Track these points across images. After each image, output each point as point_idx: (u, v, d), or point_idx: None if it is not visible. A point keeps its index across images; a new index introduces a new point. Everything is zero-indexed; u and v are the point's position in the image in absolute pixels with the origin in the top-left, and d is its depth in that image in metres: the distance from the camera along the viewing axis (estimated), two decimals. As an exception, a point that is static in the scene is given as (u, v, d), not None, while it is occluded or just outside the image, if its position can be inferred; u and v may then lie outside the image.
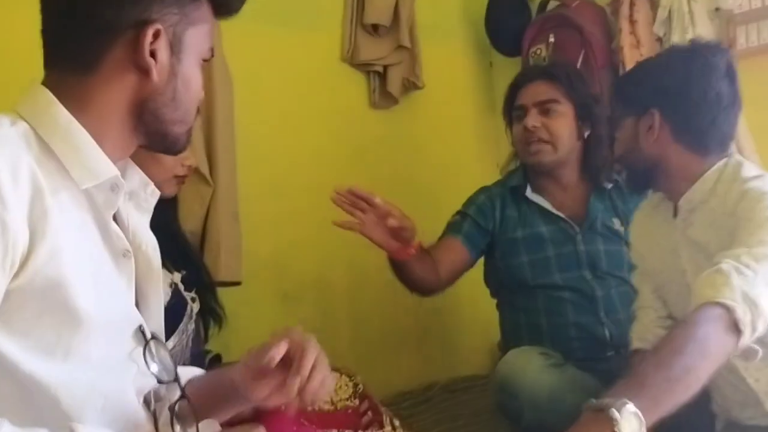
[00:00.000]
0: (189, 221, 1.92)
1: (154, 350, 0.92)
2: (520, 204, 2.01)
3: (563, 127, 1.94)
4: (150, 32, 0.86)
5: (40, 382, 0.78)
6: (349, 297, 2.50)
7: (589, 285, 1.90)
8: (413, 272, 1.87)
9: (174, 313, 1.35)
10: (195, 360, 1.44)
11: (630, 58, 2.32)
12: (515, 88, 2.02)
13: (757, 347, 1.19)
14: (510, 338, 2.04)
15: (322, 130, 2.46)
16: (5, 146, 0.78)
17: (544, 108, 1.94)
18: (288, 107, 2.38)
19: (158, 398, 0.94)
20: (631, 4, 2.33)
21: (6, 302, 0.76)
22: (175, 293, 1.38)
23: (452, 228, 2.04)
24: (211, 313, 1.52)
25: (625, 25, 2.34)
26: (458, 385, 2.47)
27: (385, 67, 2.59)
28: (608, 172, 1.98)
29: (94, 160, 0.86)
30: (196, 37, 0.92)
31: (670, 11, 2.24)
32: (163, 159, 1.39)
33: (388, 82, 2.59)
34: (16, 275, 0.76)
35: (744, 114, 1.99)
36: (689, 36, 2.16)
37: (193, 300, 1.44)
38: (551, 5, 2.62)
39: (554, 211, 1.97)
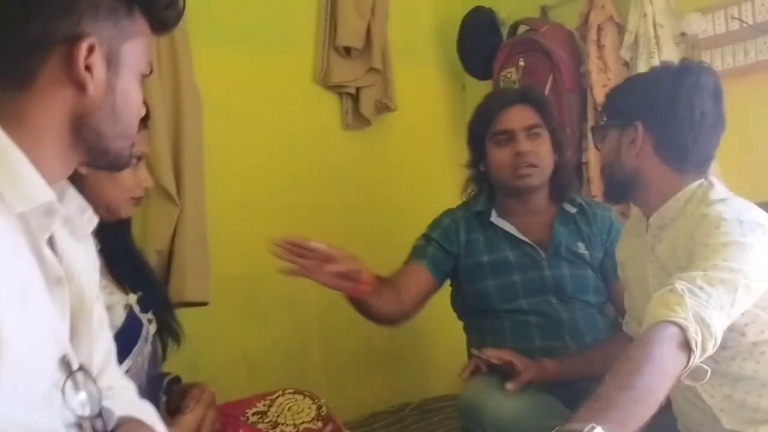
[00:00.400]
0: (156, 241, 1.92)
1: (81, 382, 0.89)
2: (485, 228, 2.00)
3: (547, 152, 1.96)
4: (84, 46, 0.85)
5: None
6: (321, 317, 2.50)
7: (554, 309, 1.90)
8: (373, 307, 1.83)
9: (128, 336, 1.33)
10: (152, 382, 1.43)
11: (597, 82, 2.35)
12: (493, 112, 1.98)
13: (706, 368, 1.20)
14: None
15: (295, 151, 2.47)
16: None
17: (532, 132, 1.94)
18: (260, 128, 2.39)
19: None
20: (599, 29, 2.36)
21: None
22: (130, 315, 1.36)
23: (417, 252, 2.02)
24: (168, 332, 1.50)
25: (592, 50, 2.37)
26: (430, 405, 2.47)
27: (358, 89, 2.61)
28: (571, 197, 1.99)
29: (29, 183, 0.84)
30: (133, 52, 0.91)
31: (636, 36, 2.27)
32: (122, 180, 1.38)
33: (360, 103, 2.61)
34: None
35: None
36: (655, 61, 2.20)
37: (150, 321, 1.42)
38: (521, 29, 2.65)
39: (520, 236, 1.96)
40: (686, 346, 1.17)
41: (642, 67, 2.22)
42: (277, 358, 2.39)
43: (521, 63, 2.54)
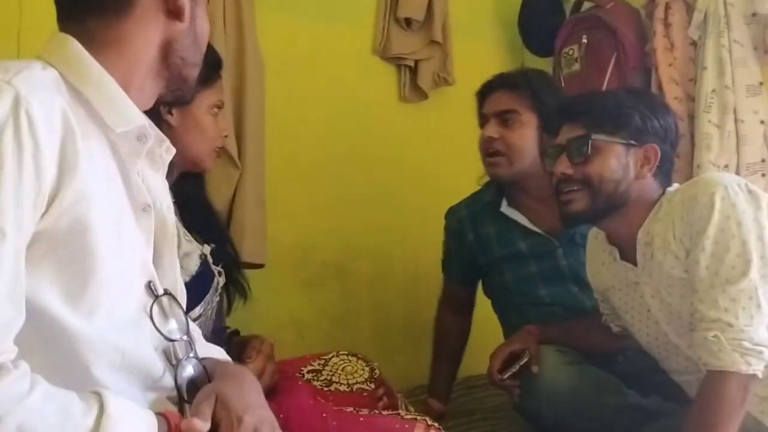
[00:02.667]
0: (216, 202, 1.93)
1: (167, 307, 0.93)
2: (496, 220, 1.96)
3: (522, 139, 1.87)
4: None
5: (63, 331, 0.79)
6: (372, 287, 2.51)
7: (577, 299, 1.86)
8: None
9: (202, 283, 1.37)
10: (216, 333, 1.46)
11: (663, 61, 2.30)
12: (479, 98, 1.97)
13: None
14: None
15: (351, 122, 2.48)
16: (40, 88, 0.80)
17: (503, 118, 1.88)
18: (319, 97, 2.40)
19: (178, 356, 0.94)
20: (666, 7, 2.31)
21: (34, 246, 0.77)
22: (204, 264, 1.39)
23: (445, 270, 2.11)
24: (236, 287, 1.54)
25: (659, 28, 2.32)
26: (476, 381, 2.45)
27: (416, 62, 2.60)
28: None
29: (125, 107, 0.88)
30: None
31: (705, 15, 2.22)
32: (206, 130, 1.44)
33: (418, 76, 2.61)
34: (42, 216, 0.77)
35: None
36: (724, 40, 2.15)
37: (219, 274, 1.46)
38: (585, 6, 2.61)
39: (531, 227, 1.92)
40: (748, 380, 1.27)
41: (710, 47, 2.18)
42: (326, 324, 2.42)
43: (584, 40, 2.51)
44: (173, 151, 0.99)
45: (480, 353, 2.61)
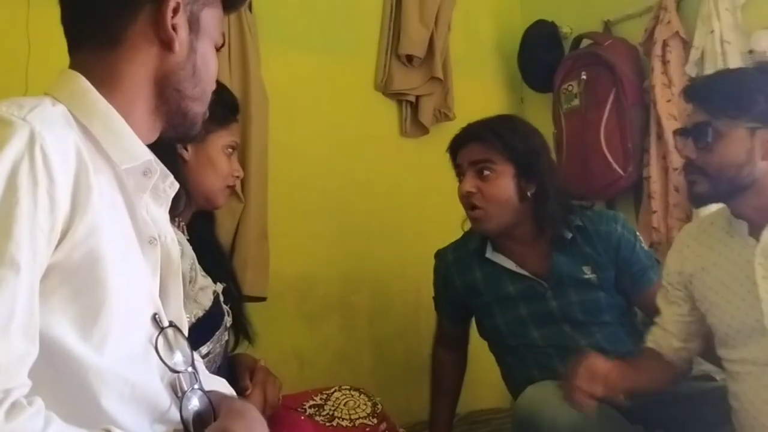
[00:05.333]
0: (219, 235, 1.96)
1: (172, 338, 0.93)
2: (483, 265, 1.94)
3: (498, 190, 1.82)
4: (171, 5, 0.91)
5: (74, 362, 0.79)
6: (372, 321, 2.51)
7: (571, 338, 1.84)
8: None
9: (212, 321, 1.38)
10: (222, 372, 1.46)
11: (662, 97, 2.33)
12: (453, 148, 1.92)
13: None
14: (511, 387, 2.02)
15: (353, 155, 2.51)
16: (54, 124, 0.81)
17: (478, 169, 1.83)
18: (321, 130, 2.43)
19: (183, 388, 0.94)
20: (664, 44, 2.35)
21: (47, 279, 0.78)
22: (215, 302, 1.41)
23: (437, 309, 2.12)
24: (242, 329, 1.55)
25: (657, 65, 2.36)
26: (478, 417, 2.45)
27: (418, 97, 2.63)
28: (567, 221, 1.86)
29: (131, 143, 0.89)
30: (211, 19, 0.97)
31: (703, 52, 2.26)
32: (219, 167, 1.47)
33: (419, 111, 2.64)
34: (55, 249, 0.78)
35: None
36: (721, 77, 2.18)
37: (228, 313, 1.47)
38: (584, 43, 2.65)
39: (518, 270, 1.89)
40: None
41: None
42: (328, 357, 2.41)
43: (583, 76, 2.54)
44: (176, 186, 0.99)
45: (478, 388, 2.62)
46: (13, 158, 0.75)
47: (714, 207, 1.65)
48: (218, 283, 1.45)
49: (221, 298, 1.44)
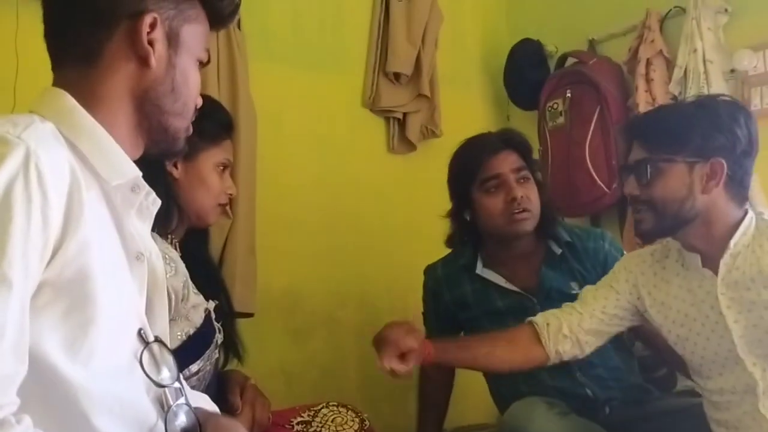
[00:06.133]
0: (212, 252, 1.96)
1: (158, 354, 0.93)
2: (473, 280, 1.96)
3: (536, 196, 1.90)
4: (147, 21, 0.91)
5: (63, 380, 0.79)
6: (359, 336, 2.51)
7: None
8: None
9: (203, 339, 1.38)
10: (209, 389, 1.46)
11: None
12: (479, 158, 1.91)
13: None
14: (498, 402, 2.03)
15: (340, 171, 2.52)
16: (47, 141, 0.81)
17: (521, 176, 1.89)
18: (309, 147, 2.44)
19: (168, 402, 0.94)
20: (648, 63, 2.39)
21: (38, 296, 0.78)
22: (207, 320, 1.41)
23: (426, 325, 2.11)
24: (232, 347, 1.55)
25: (641, 83, 2.39)
26: (464, 432, 2.45)
27: (405, 114, 2.66)
28: (556, 236, 1.92)
29: (119, 160, 0.90)
30: (192, 35, 0.97)
31: (685, 71, 2.29)
32: (211, 185, 1.46)
33: (407, 128, 2.66)
34: (47, 266, 0.78)
35: (757, 173, 2.04)
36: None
37: (219, 331, 1.47)
38: (569, 61, 2.69)
39: (507, 285, 1.91)
40: None
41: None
42: (315, 373, 2.41)
43: (568, 94, 2.57)
44: (159, 202, 0.98)
45: (465, 404, 2.62)
46: (9, 176, 0.76)
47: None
48: (210, 301, 1.45)
49: (213, 316, 1.44)
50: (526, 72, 2.80)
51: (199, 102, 1.02)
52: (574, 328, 1.65)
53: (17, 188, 0.75)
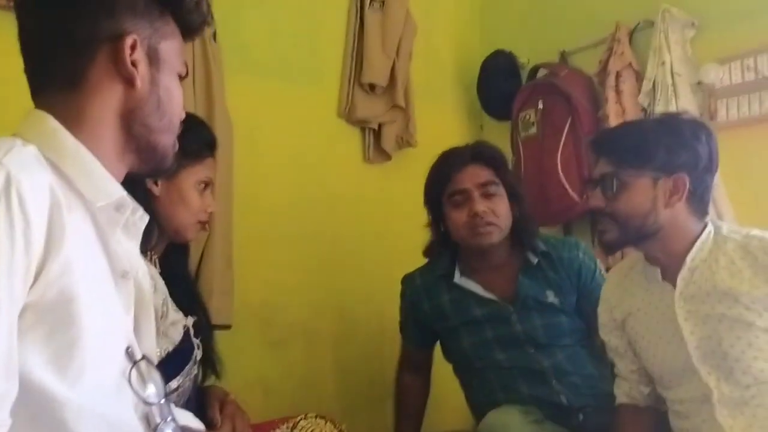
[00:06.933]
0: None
1: (145, 371, 0.93)
2: (450, 289, 1.99)
3: (505, 207, 1.93)
4: (128, 43, 0.92)
5: (51, 400, 0.80)
6: (337, 346, 2.53)
7: (534, 359, 1.89)
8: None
9: (182, 356, 1.38)
10: (187, 405, 1.46)
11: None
12: (447, 173, 1.96)
13: None
14: (474, 410, 2.06)
15: (317, 182, 2.53)
16: (28, 165, 0.82)
17: (486, 190, 1.91)
18: (284, 158, 2.45)
19: (155, 420, 0.95)
20: (617, 76, 2.43)
21: (22, 318, 0.78)
22: (186, 336, 1.41)
23: (403, 334, 2.16)
24: (209, 363, 1.55)
25: (611, 95, 2.43)
26: (441, 440, 2.47)
27: (380, 125, 2.67)
28: (533, 246, 1.95)
29: (103, 180, 0.91)
30: (170, 51, 0.98)
31: (654, 83, 2.34)
32: (190, 203, 1.46)
33: (382, 139, 2.68)
34: (30, 288, 0.79)
35: (724, 184, 2.09)
36: (672, 107, 2.26)
37: (198, 347, 1.47)
38: (541, 73, 2.73)
39: (485, 294, 1.95)
40: None
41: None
42: (293, 384, 2.41)
43: (540, 105, 2.61)
44: (146, 218, 1.00)
45: (442, 412, 2.64)
46: None
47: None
48: (189, 317, 1.45)
49: (191, 332, 1.45)
50: (498, 83, 2.83)
51: (183, 115, 1.03)
52: (645, 392, 1.69)
53: None
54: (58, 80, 0.92)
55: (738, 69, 2.23)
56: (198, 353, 1.46)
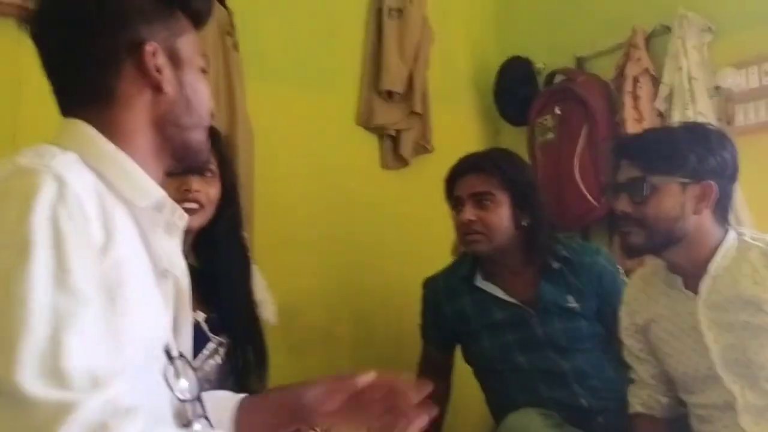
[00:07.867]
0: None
1: (181, 369, 0.95)
2: (472, 292, 2.01)
3: (497, 218, 1.93)
4: (149, 50, 0.93)
5: None
6: (355, 351, 2.54)
7: (555, 363, 1.91)
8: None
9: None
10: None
11: (633, 131, 2.41)
12: (451, 179, 2.02)
13: None
14: (495, 413, 2.07)
15: (335, 188, 2.55)
16: (71, 166, 0.84)
17: (478, 200, 1.94)
18: (304, 164, 2.47)
19: (188, 417, 0.96)
20: (635, 81, 2.44)
21: None
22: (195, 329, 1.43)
23: (424, 337, 2.16)
24: (245, 357, 1.60)
25: (628, 100, 2.44)
26: (459, 446, 2.47)
27: (398, 131, 2.69)
28: (554, 251, 1.96)
29: (143, 182, 0.93)
30: (187, 46, 1.00)
31: (671, 88, 2.34)
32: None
33: (400, 145, 2.70)
34: None
35: (742, 189, 2.09)
36: (689, 112, 2.27)
37: (220, 343, 1.50)
38: (557, 78, 2.73)
39: (506, 298, 1.96)
40: None
41: (676, 118, 2.28)
42: (312, 389, 2.42)
43: (557, 111, 2.62)
44: (186, 217, 1.01)
45: (461, 416, 2.65)
46: (50, 203, 0.78)
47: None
48: (199, 312, 1.47)
49: (205, 327, 1.48)
50: (515, 89, 2.85)
51: (212, 107, 1.05)
52: (663, 402, 1.70)
53: (61, 214, 0.78)
54: (87, 97, 0.94)
55: (755, 73, 2.24)
56: (219, 348, 1.48)
